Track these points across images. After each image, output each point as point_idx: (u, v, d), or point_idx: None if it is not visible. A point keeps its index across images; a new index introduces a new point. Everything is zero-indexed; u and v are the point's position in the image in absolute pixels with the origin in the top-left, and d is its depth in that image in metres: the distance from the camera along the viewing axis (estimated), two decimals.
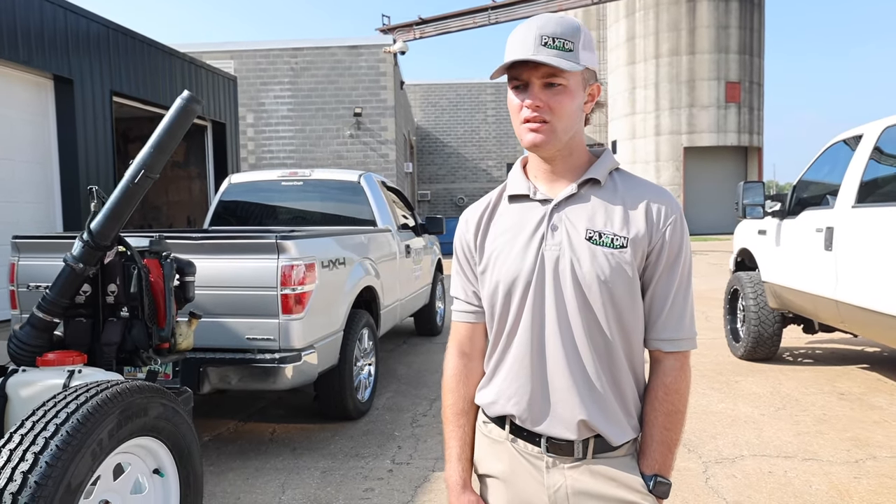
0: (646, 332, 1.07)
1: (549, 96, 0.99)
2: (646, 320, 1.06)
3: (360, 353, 3.83)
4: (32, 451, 1.52)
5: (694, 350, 1.09)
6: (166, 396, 1.93)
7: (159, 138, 2.15)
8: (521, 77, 1.00)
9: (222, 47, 14.17)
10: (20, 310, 3.17)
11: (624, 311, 1.02)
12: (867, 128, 3.95)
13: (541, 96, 0.99)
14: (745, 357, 4.98)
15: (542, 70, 0.99)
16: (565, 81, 0.99)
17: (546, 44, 0.98)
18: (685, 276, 1.06)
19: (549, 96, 0.99)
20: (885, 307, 3.38)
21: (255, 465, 3.10)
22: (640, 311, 1.05)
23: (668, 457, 1.05)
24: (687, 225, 1.07)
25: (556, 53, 0.97)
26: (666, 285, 1.04)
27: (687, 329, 1.06)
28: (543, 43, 0.98)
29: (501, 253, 1.08)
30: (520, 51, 0.99)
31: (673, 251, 1.03)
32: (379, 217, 4.77)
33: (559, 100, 0.99)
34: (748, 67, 22.90)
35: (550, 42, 0.98)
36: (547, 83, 0.99)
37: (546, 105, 0.99)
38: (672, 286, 1.04)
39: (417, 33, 15.81)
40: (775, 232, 4.70)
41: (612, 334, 1.02)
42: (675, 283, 1.04)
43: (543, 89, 1.00)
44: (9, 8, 5.47)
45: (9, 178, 5.70)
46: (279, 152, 14.43)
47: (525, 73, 1.00)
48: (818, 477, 2.83)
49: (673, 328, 1.05)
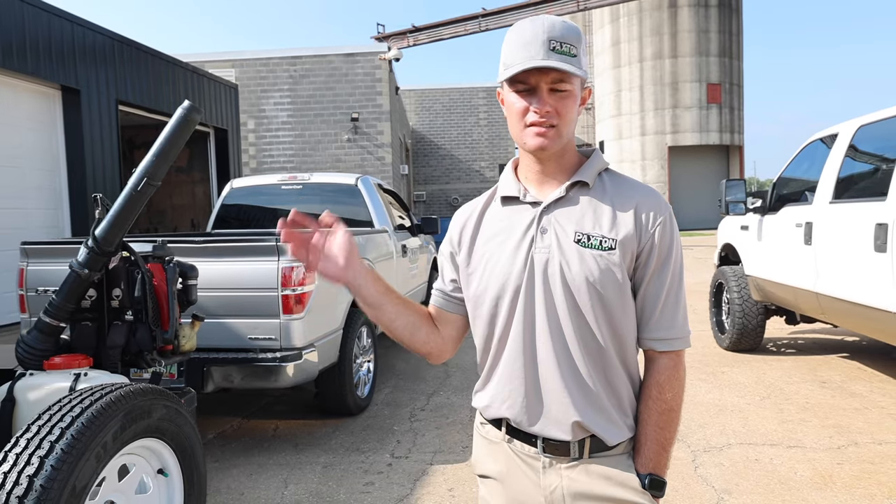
0: (639, 331, 1.06)
1: (556, 101, 0.99)
2: (638, 320, 1.05)
3: (360, 350, 3.91)
4: (38, 454, 1.53)
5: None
6: (169, 398, 1.94)
7: (161, 147, 2.19)
8: (528, 81, 0.99)
9: (224, 56, 14.36)
10: (29, 313, 3.24)
11: (614, 312, 1.01)
12: (842, 127, 4.06)
13: (549, 101, 0.98)
14: (731, 348, 5.09)
15: (551, 75, 0.97)
16: (571, 86, 0.99)
17: (555, 49, 0.96)
18: (676, 276, 1.05)
19: (556, 101, 0.99)
20: (862, 298, 3.49)
21: (258, 461, 3.16)
22: (632, 312, 1.04)
23: (662, 455, 1.05)
24: (676, 224, 1.07)
25: (565, 59, 0.96)
26: (657, 285, 1.03)
27: (680, 328, 1.05)
28: (552, 48, 0.96)
29: (492, 257, 1.07)
30: (528, 55, 0.96)
31: (663, 252, 1.03)
32: (376, 218, 4.87)
33: (566, 104, 0.99)
34: (728, 69, 23.79)
35: (559, 47, 0.96)
36: (554, 88, 0.98)
37: (554, 110, 0.99)
38: (663, 286, 1.03)
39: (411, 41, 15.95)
40: (757, 227, 4.82)
41: (603, 336, 1.02)
42: (666, 282, 1.03)
43: (550, 94, 0.98)
44: (18, 22, 5.60)
45: (18, 184, 5.81)
46: (279, 157, 14.62)
47: (533, 78, 0.98)
48: (802, 464, 2.90)
49: (666, 328, 1.04)
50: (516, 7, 16.26)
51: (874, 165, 3.75)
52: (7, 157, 5.71)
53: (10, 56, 5.50)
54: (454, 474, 2.94)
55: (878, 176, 3.59)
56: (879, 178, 3.51)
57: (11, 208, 5.73)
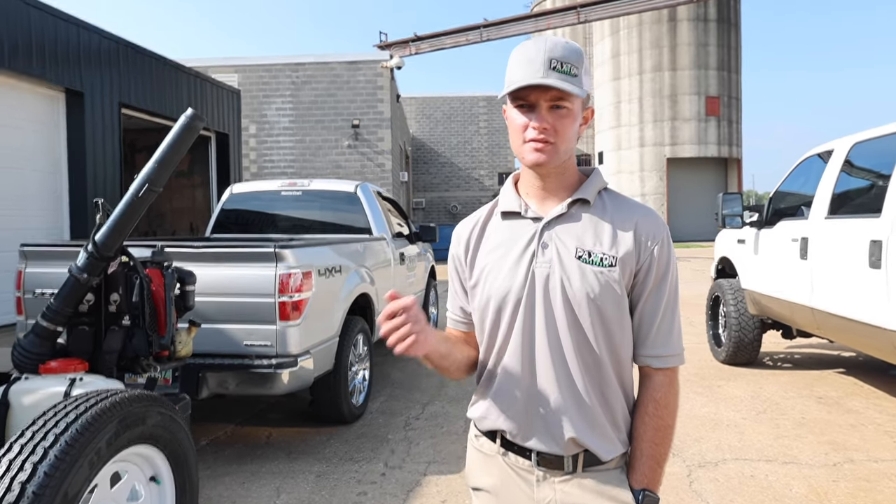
0: (635, 348, 1.07)
1: (555, 118, 1.01)
2: (635, 337, 1.07)
3: (355, 358, 3.91)
4: (31, 461, 1.52)
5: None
6: (164, 405, 1.93)
7: (163, 154, 2.20)
8: (527, 99, 1.01)
9: (227, 62, 14.47)
10: (26, 315, 3.23)
11: (613, 328, 1.03)
12: (838, 143, 4.09)
13: (548, 118, 1.01)
14: (727, 361, 5.10)
15: (550, 93, 1.00)
16: (570, 105, 1.01)
17: (555, 67, 0.99)
18: (672, 294, 1.07)
19: (555, 118, 1.01)
20: (856, 314, 3.50)
21: (250, 469, 3.14)
22: (629, 329, 1.06)
23: (656, 471, 1.06)
24: (671, 236, 1.10)
25: (565, 78, 0.99)
26: (654, 303, 1.05)
27: (675, 345, 1.07)
28: (552, 67, 0.98)
29: (493, 269, 1.09)
30: (528, 73, 0.99)
31: (661, 270, 1.05)
32: (374, 226, 4.88)
33: (564, 122, 1.01)
34: (727, 83, 24.18)
35: (559, 66, 0.99)
36: (553, 105, 1.01)
37: (552, 127, 1.01)
38: (660, 304, 1.05)
39: (413, 49, 16.07)
40: (753, 241, 4.85)
41: (602, 351, 1.03)
42: (663, 300, 1.06)
43: (550, 111, 1.01)
44: (25, 25, 5.64)
45: (19, 186, 5.83)
46: (280, 162, 14.70)
47: (533, 96, 1.01)
48: (798, 480, 2.89)
49: (662, 345, 1.06)
50: (517, 18, 16.42)
51: (869, 182, 3.78)
52: (9, 159, 5.74)
53: (16, 58, 5.54)
54: (448, 485, 2.93)
55: (872, 192, 3.61)
56: (874, 195, 3.53)
57: (12, 209, 5.74)
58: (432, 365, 1.12)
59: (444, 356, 1.10)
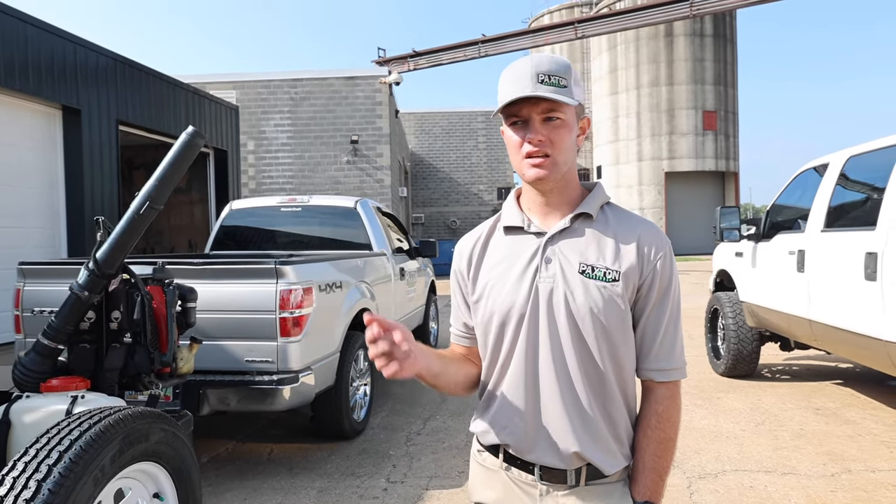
0: (638, 361, 1.08)
1: (549, 130, 1.01)
2: (638, 351, 1.07)
3: (356, 373, 3.91)
4: (35, 478, 1.52)
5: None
6: (167, 422, 1.93)
7: (164, 171, 2.21)
8: (520, 114, 1.02)
9: (225, 78, 14.59)
10: (24, 334, 3.23)
11: (616, 342, 1.03)
12: (833, 157, 4.15)
13: (542, 131, 1.01)
14: (726, 374, 5.11)
15: (541, 106, 1.01)
16: (563, 115, 1.02)
17: (543, 81, 1.00)
18: (675, 308, 1.08)
19: (549, 130, 1.01)
20: (853, 326, 3.53)
21: (252, 485, 3.14)
22: (632, 342, 1.06)
23: (658, 484, 1.06)
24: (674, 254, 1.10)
25: (553, 89, 1.00)
26: (657, 317, 1.06)
27: (677, 359, 1.08)
28: (540, 80, 1.00)
29: (496, 284, 1.09)
30: (518, 89, 1.00)
31: (663, 284, 1.05)
32: (374, 241, 4.90)
33: (559, 133, 1.02)
34: (723, 97, 24.51)
35: (547, 79, 1.00)
36: (546, 118, 1.01)
37: (547, 139, 1.01)
38: (663, 318, 1.06)
39: (412, 65, 16.22)
40: (751, 254, 4.89)
41: (605, 365, 1.03)
42: (665, 314, 1.06)
43: (543, 124, 1.01)
44: (21, 42, 5.70)
45: (16, 203, 5.84)
46: (279, 178, 14.75)
47: (525, 110, 1.02)
48: (797, 491, 2.91)
49: (664, 359, 1.06)
50: (515, 34, 16.58)
51: (864, 195, 3.83)
52: (6, 176, 5.75)
53: (13, 75, 5.58)
54: (450, 500, 2.93)
55: (867, 205, 3.65)
56: (869, 208, 3.58)
57: (9, 227, 5.75)
58: (426, 384, 1.12)
59: (437, 375, 1.10)
